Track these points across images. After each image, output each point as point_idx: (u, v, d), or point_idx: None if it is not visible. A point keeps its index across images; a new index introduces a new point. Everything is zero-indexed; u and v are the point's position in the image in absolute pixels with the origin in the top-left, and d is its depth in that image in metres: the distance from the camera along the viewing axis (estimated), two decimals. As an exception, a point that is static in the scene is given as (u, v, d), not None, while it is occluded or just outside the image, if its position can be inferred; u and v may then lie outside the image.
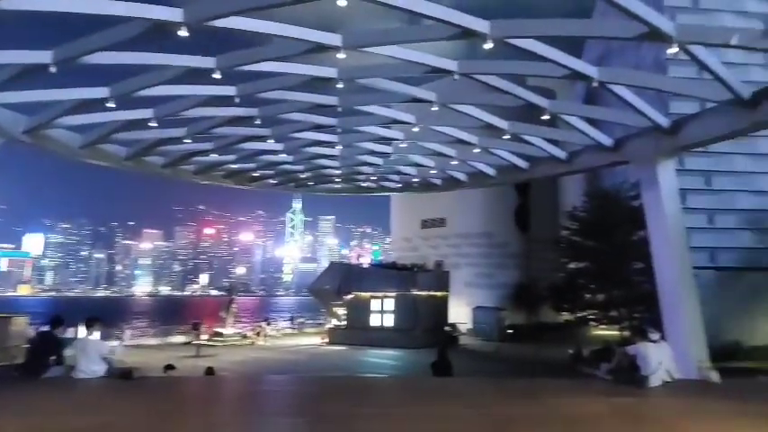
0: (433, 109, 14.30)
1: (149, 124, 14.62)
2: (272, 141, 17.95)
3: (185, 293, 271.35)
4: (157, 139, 16.80)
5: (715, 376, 11.50)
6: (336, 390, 9.28)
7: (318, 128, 16.87)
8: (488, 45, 9.89)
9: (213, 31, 9.72)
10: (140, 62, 11.41)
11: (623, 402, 8.28)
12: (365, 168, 21.98)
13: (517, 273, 40.70)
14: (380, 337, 29.26)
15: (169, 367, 13.54)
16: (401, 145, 18.43)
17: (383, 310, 31.25)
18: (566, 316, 32.13)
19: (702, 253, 17.75)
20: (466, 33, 9.88)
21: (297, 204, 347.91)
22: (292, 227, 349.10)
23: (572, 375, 15.57)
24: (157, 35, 9.68)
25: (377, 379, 15.33)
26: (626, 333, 19.96)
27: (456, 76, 11.79)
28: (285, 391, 9.42)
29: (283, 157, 19.92)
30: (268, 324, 39.91)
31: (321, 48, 10.80)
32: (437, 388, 9.93)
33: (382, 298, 31.38)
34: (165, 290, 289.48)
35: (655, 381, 9.76)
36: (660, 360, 10.02)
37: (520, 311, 37.82)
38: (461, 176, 21.27)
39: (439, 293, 32.60)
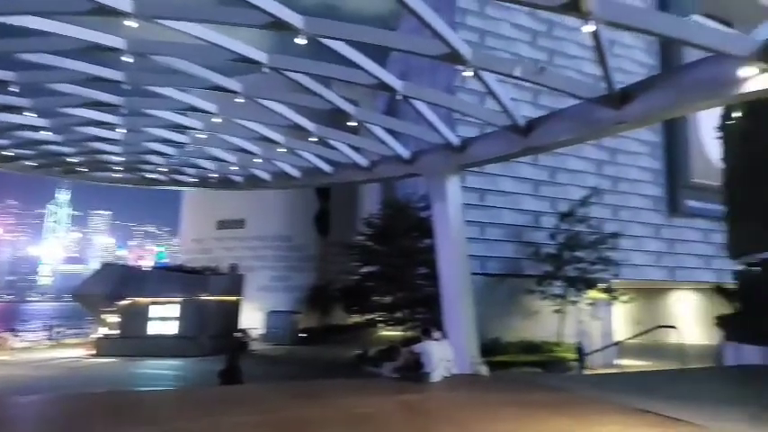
0: (237, 101, 13.46)
1: None
2: (34, 115, 14.97)
3: None
4: None
5: (484, 370, 13.02)
6: (103, 408, 7.90)
7: (97, 105, 14.56)
8: (301, 40, 9.64)
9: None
10: None
11: (408, 398, 8.72)
12: (154, 158, 19.78)
13: (314, 276, 41.18)
14: (161, 346, 26.52)
15: None
16: (199, 135, 17.01)
17: (165, 317, 28.48)
18: (355, 318, 33.45)
19: (475, 261, 20.08)
20: (278, 25, 9.46)
21: (62, 195, 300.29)
22: (55, 221, 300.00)
23: (359, 375, 16.14)
24: None
25: (154, 392, 13.75)
26: (409, 333, 21.47)
27: (265, 69, 11.26)
28: (33, 416, 7.68)
29: (48, 135, 16.79)
30: (14, 335, 33.37)
31: (105, 10, 9.24)
32: (224, 396, 9.41)
33: (165, 303, 28.58)
34: None
35: (436, 376, 10.59)
36: (441, 357, 10.93)
37: (314, 314, 38.26)
38: (264, 175, 20.57)
39: (231, 298, 31.06)
